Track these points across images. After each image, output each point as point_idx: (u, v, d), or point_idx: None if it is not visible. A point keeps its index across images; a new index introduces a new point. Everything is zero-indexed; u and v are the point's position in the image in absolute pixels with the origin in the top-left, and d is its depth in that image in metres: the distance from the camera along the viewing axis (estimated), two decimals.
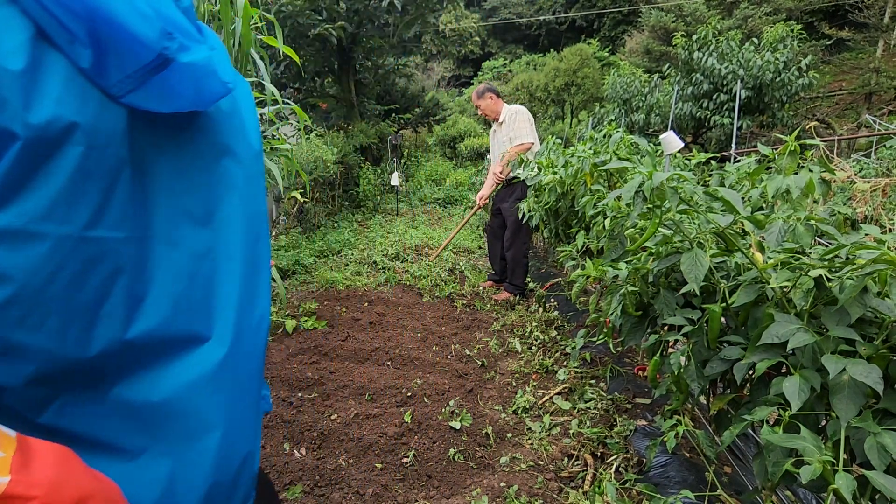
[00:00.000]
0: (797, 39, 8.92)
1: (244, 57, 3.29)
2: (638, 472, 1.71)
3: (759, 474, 1.01)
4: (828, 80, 14.63)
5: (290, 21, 8.32)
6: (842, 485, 0.81)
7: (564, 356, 2.75)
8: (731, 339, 1.19)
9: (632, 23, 19.31)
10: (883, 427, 0.87)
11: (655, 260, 1.46)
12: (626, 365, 2.46)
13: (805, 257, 1.10)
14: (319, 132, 8.73)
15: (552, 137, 3.64)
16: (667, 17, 15.53)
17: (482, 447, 2.00)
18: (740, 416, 1.07)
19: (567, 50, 15.88)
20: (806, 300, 1.05)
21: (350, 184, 9.18)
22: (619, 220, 1.82)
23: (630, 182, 1.23)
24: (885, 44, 12.83)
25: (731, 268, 1.31)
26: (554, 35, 23.64)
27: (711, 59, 8.87)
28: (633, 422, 1.99)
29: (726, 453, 1.77)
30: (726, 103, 8.90)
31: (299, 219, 6.95)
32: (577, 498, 1.64)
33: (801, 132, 8.41)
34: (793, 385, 0.94)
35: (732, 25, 13.67)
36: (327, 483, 1.82)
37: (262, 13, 3.65)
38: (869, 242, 1.04)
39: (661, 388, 1.48)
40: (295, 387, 2.55)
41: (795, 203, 1.28)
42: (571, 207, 2.83)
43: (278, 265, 4.80)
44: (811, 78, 8.59)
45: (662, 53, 15.20)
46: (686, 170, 2.68)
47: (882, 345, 0.96)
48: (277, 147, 3.58)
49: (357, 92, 10.86)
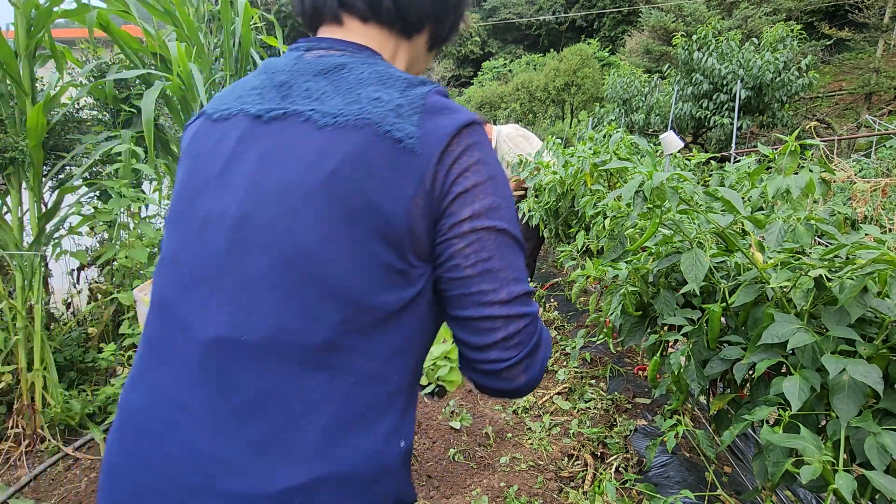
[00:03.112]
0: (797, 39, 8.92)
1: (244, 57, 3.29)
2: (638, 472, 1.71)
3: (759, 474, 1.01)
4: (828, 80, 14.63)
5: (290, 21, 8.32)
6: (842, 485, 0.81)
7: (564, 356, 2.75)
8: (731, 339, 1.19)
9: (632, 23, 19.31)
10: (883, 427, 0.87)
11: (655, 260, 1.46)
12: (626, 365, 2.46)
13: (805, 257, 1.10)
14: None
15: (552, 137, 3.63)
16: (667, 17, 15.52)
17: (482, 447, 2.00)
18: (740, 416, 1.07)
19: (567, 50, 15.87)
20: (806, 300, 1.05)
21: None
22: (619, 220, 1.82)
23: (630, 182, 1.23)
24: (885, 44, 12.82)
25: (731, 268, 1.31)
26: (554, 35, 23.64)
27: (711, 59, 8.86)
28: (633, 422, 1.99)
29: (726, 453, 1.77)
30: (726, 103, 8.90)
31: None
32: (577, 498, 1.64)
33: (801, 132, 8.42)
34: (793, 385, 0.94)
35: (732, 25, 13.67)
36: None
37: (262, 13, 3.65)
38: (869, 242, 1.04)
39: (661, 388, 1.48)
40: None
41: (795, 203, 1.28)
42: (571, 207, 2.83)
43: None
44: (811, 78, 8.59)
45: (662, 53, 15.20)
46: (686, 170, 2.68)
47: (882, 345, 0.96)
48: None
49: None
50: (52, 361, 2.17)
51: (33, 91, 2.21)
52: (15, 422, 2.11)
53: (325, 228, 0.51)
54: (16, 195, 2.20)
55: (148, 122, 2.28)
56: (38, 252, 2.23)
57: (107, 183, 2.39)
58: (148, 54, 2.74)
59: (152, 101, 2.31)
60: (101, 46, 3.03)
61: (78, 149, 2.54)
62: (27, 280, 2.17)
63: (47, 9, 2.13)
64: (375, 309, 0.52)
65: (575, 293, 2.07)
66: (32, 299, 2.19)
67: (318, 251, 0.51)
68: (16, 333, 2.10)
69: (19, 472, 1.97)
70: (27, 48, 2.16)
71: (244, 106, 0.57)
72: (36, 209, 2.24)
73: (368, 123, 0.52)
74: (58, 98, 2.28)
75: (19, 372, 2.11)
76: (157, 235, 2.59)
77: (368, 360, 0.53)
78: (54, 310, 2.71)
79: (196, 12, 3.12)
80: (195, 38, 2.85)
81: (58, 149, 2.59)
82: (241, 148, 0.55)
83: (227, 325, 0.52)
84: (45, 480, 1.93)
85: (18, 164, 2.16)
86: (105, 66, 2.82)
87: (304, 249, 0.51)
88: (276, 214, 0.52)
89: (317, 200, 0.51)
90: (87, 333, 2.66)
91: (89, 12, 2.30)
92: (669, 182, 1.19)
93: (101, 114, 2.93)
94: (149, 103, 2.29)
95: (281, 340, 0.50)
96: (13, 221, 2.19)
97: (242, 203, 0.53)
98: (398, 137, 0.52)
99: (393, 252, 0.52)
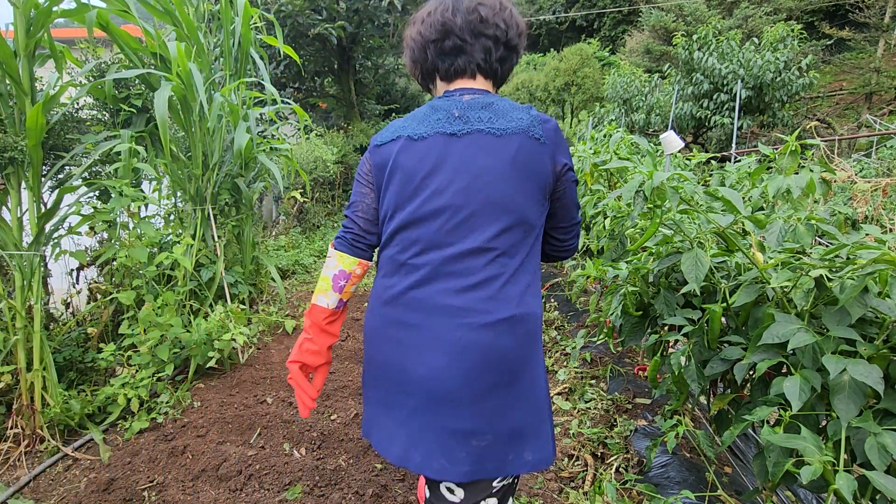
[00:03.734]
0: (797, 39, 8.90)
1: (244, 57, 3.29)
2: (638, 472, 1.71)
3: (759, 474, 1.01)
4: (828, 79, 14.62)
5: (290, 21, 8.31)
6: (842, 485, 0.80)
7: (564, 356, 2.75)
8: (732, 339, 1.19)
9: (632, 22, 19.30)
10: (883, 427, 0.87)
11: (656, 260, 1.46)
12: (626, 365, 2.46)
13: (805, 257, 1.10)
14: (319, 132, 8.73)
15: None
16: (667, 16, 15.51)
17: None
18: (740, 416, 1.07)
19: (567, 50, 15.86)
20: (806, 300, 1.05)
21: (350, 184, 9.18)
22: (620, 220, 1.81)
23: (630, 182, 1.23)
24: (886, 44, 12.81)
25: (732, 268, 1.31)
26: (554, 35, 23.62)
27: (712, 59, 8.86)
28: (633, 422, 1.98)
29: (726, 453, 1.77)
30: (726, 103, 8.89)
31: (299, 219, 6.95)
32: (577, 498, 1.64)
33: (802, 132, 8.40)
34: (793, 385, 0.94)
35: (732, 25, 13.66)
36: (327, 483, 1.82)
37: (262, 13, 3.65)
38: (869, 242, 1.04)
39: (661, 388, 1.47)
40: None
41: (796, 203, 1.28)
42: None
43: (278, 265, 4.79)
44: (811, 78, 8.58)
45: (662, 53, 15.19)
46: (686, 169, 2.68)
47: (882, 345, 0.96)
48: (277, 147, 3.58)
49: (357, 92, 10.85)
50: (51, 361, 2.17)
51: (33, 91, 2.21)
52: (14, 422, 2.11)
53: (513, 184, 0.98)
54: (15, 195, 2.20)
55: (163, 122, 2.31)
56: (38, 252, 2.22)
57: (106, 182, 2.39)
58: (147, 54, 2.74)
59: (165, 101, 2.33)
60: (100, 46, 3.03)
61: (77, 148, 2.54)
62: (26, 280, 2.17)
63: (47, 8, 2.12)
64: (534, 225, 1.02)
65: (575, 293, 2.07)
66: (32, 299, 2.19)
67: (511, 195, 0.98)
68: (15, 333, 2.10)
69: (19, 472, 1.97)
70: (27, 48, 2.15)
71: (439, 129, 1.01)
72: (35, 209, 2.23)
73: (522, 131, 1.00)
74: (57, 98, 2.28)
75: (19, 372, 2.11)
76: (156, 235, 2.59)
77: (533, 256, 1.04)
78: (54, 310, 2.71)
79: (196, 12, 3.12)
80: (195, 38, 2.85)
81: (57, 148, 2.59)
82: (446, 151, 1.00)
83: (465, 239, 0.97)
84: (44, 481, 1.93)
85: (18, 163, 2.16)
86: (104, 65, 2.82)
87: (503, 195, 0.97)
88: (483, 180, 0.97)
89: (506, 171, 0.98)
90: (87, 333, 2.65)
91: (89, 12, 2.30)
92: (670, 182, 1.19)
93: (100, 113, 2.93)
94: (162, 103, 2.31)
95: (494, 245, 0.97)
96: (12, 221, 2.18)
97: (460, 178, 0.98)
98: (536, 136, 1.00)
99: (540, 193, 1.01)
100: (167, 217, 3.14)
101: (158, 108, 2.32)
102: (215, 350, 2.61)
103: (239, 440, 2.11)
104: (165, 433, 2.17)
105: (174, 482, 1.84)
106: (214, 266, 3.04)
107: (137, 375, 2.29)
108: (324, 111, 12.41)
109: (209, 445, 2.05)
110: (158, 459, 1.98)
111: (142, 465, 1.95)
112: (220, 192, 3.14)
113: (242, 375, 2.69)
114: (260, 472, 1.87)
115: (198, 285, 2.99)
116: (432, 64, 1.08)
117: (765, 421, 1.00)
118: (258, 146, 3.30)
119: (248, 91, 3.38)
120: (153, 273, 2.53)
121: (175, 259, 2.59)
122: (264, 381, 2.64)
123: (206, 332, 2.58)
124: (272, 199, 7.04)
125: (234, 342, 2.69)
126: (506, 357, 0.97)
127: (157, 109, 2.32)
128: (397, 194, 1.02)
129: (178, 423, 2.25)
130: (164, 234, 3.04)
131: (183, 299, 2.79)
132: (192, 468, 1.91)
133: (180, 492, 1.79)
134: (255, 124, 3.23)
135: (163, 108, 2.32)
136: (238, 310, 2.90)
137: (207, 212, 3.05)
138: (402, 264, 1.02)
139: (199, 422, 2.23)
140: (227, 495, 1.77)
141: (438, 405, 0.97)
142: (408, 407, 1.00)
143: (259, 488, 1.80)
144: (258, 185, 3.61)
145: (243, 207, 3.43)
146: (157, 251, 2.88)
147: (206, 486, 1.82)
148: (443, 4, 1.06)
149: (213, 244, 3.09)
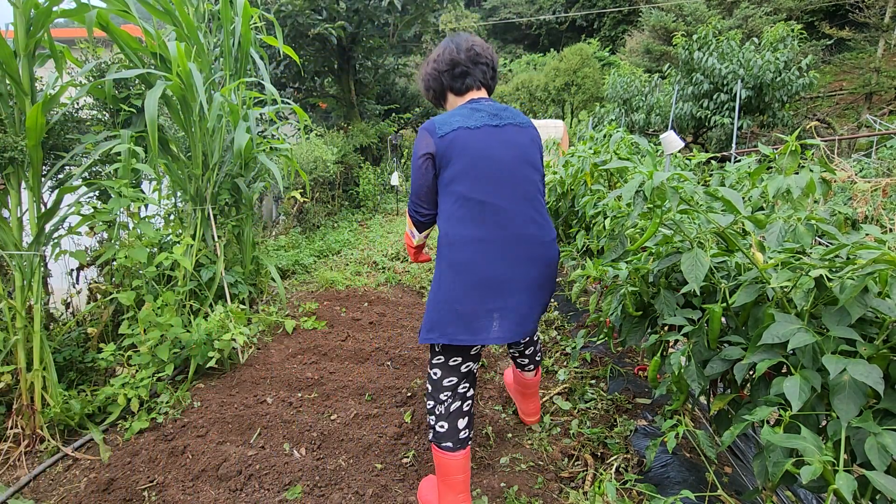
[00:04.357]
0: (797, 39, 8.91)
1: (244, 57, 3.29)
2: (638, 472, 1.71)
3: (759, 474, 1.01)
4: (828, 79, 14.62)
5: (290, 21, 8.31)
6: (842, 485, 0.80)
7: (564, 356, 2.75)
8: (732, 339, 1.19)
9: (632, 22, 19.30)
10: (883, 427, 0.87)
11: (655, 260, 1.46)
12: (626, 365, 2.46)
13: (805, 257, 1.10)
14: (319, 132, 8.73)
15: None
16: (667, 16, 15.51)
17: (482, 447, 2.00)
18: (740, 416, 1.07)
19: (567, 50, 15.86)
20: (806, 300, 1.05)
21: (350, 184, 9.17)
22: (620, 220, 1.81)
23: (630, 182, 1.23)
24: (886, 44, 12.81)
25: (732, 268, 1.31)
26: (554, 35, 23.62)
27: (712, 59, 8.86)
28: (633, 422, 1.98)
29: (726, 453, 1.77)
30: (726, 103, 8.89)
31: (299, 219, 6.95)
32: (577, 498, 1.64)
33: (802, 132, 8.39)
34: (793, 385, 0.94)
35: (732, 25, 13.67)
36: (327, 483, 1.82)
37: (262, 13, 3.65)
38: (869, 242, 1.04)
39: (661, 388, 1.47)
40: (295, 387, 2.55)
41: (796, 203, 1.28)
42: (571, 207, 2.82)
43: (278, 265, 4.79)
44: (811, 78, 8.58)
45: (662, 53, 15.20)
46: (686, 169, 2.68)
47: (882, 345, 0.96)
48: (277, 147, 3.58)
49: (357, 92, 10.84)
50: (51, 361, 2.17)
51: (32, 91, 2.21)
52: (14, 422, 2.11)
53: (535, 157, 1.54)
54: (15, 195, 2.20)
55: (152, 122, 2.28)
56: (38, 252, 2.22)
57: (106, 183, 2.39)
58: (147, 54, 2.74)
59: (155, 102, 2.30)
60: (100, 46, 3.02)
61: (77, 148, 2.53)
62: (26, 280, 2.17)
63: (46, 8, 2.12)
64: (539, 189, 1.53)
65: (575, 293, 2.07)
66: (32, 299, 2.19)
67: (535, 162, 1.54)
68: (15, 333, 2.10)
69: (19, 472, 1.97)
70: (26, 48, 2.15)
71: (486, 122, 1.47)
72: (35, 209, 2.23)
73: (530, 125, 1.56)
74: (57, 98, 2.28)
75: (18, 372, 2.11)
76: (156, 235, 2.59)
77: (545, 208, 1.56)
78: (54, 310, 2.71)
79: (196, 12, 3.12)
80: (195, 38, 2.85)
81: (57, 148, 2.59)
82: (493, 137, 1.46)
83: (509, 197, 1.44)
84: (44, 481, 1.93)
85: (18, 163, 2.16)
86: (104, 65, 2.81)
87: (533, 161, 1.53)
88: (521, 154, 1.50)
89: (530, 148, 1.53)
90: (87, 333, 2.66)
91: (89, 12, 2.30)
92: (670, 182, 1.19)
93: (100, 113, 2.93)
94: (152, 104, 2.29)
95: (527, 198, 1.48)
96: (12, 221, 2.18)
97: (506, 155, 1.46)
98: (532, 126, 1.58)
99: (541, 164, 1.58)
100: (167, 217, 3.14)
101: (148, 108, 2.28)
102: (215, 350, 2.61)
103: (239, 440, 2.11)
104: (165, 433, 2.17)
105: (174, 482, 1.84)
106: (214, 266, 3.04)
107: (137, 375, 2.29)
108: (324, 111, 12.40)
109: (209, 445, 2.05)
110: (158, 459, 1.98)
111: (142, 465, 1.95)
112: (220, 192, 3.14)
113: (242, 375, 2.69)
114: (260, 472, 1.87)
115: (198, 285, 2.99)
116: (447, 86, 1.59)
117: (765, 421, 1.00)
118: (258, 146, 3.30)
119: (248, 91, 3.38)
120: (153, 273, 2.53)
121: (175, 259, 2.59)
122: (264, 381, 2.64)
123: (206, 332, 2.58)
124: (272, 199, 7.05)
125: (234, 342, 2.69)
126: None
127: (147, 109, 2.28)
128: (467, 165, 1.44)
129: (178, 423, 2.25)
130: (164, 235, 3.04)
131: (183, 299, 2.79)
132: (192, 468, 1.91)
133: (180, 492, 1.79)
134: (255, 124, 3.23)
135: (153, 108, 2.28)
136: (238, 310, 2.90)
137: (207, 212, 3.05)
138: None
139: (199, 422, 2.23)
140: (227, 495, 1.77)
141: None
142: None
143: (259, 488, 1.80)
144: (258, 185, 3.61)
145: (243, 207, 3.43)
146: (157, 251, 2.88)
147: (206, 486, 1.82)
148: (448, 47, 1.57)
149: (213, 244, 3.09)
